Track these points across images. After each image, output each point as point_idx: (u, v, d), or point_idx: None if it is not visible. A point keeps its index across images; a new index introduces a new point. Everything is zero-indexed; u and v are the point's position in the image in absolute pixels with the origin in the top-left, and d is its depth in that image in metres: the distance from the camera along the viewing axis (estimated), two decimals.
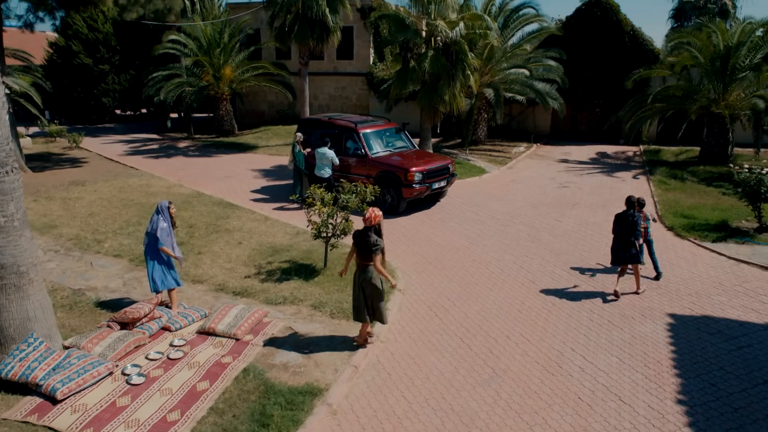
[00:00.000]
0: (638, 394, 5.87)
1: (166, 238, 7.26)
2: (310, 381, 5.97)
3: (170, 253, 7.24)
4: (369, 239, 6.35)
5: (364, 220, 6.42)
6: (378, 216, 6.44)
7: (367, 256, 6.40)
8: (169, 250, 7.25)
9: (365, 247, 6.39)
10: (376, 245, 6.35)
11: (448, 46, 15.36)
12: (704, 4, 33.66)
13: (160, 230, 7.24)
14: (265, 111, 27.85)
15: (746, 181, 10.47)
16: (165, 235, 7.26)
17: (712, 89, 16.74)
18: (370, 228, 6.42)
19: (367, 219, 6.39)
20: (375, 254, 6.36)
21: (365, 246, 6.38)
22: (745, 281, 8.69)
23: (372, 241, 6.34)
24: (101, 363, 5.87)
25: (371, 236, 6.37)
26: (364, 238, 6.40)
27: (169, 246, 7.28)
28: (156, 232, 7.22)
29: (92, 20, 27.56)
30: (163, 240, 7.22)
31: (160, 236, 7.21)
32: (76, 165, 18.32)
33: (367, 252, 6.38)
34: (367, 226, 6.43)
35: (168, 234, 7.31)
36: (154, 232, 7.25)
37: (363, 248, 6.42)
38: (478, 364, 6.47)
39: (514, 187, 15.21)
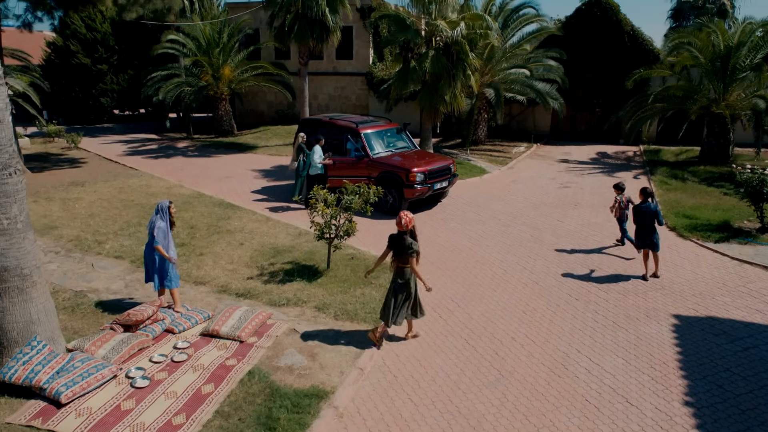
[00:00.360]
0: (645, 396, 5.86)
1: (162, 238, 7.23)
2: (315, 384, 5.94)
3: (164, 253, 7.19)
4: (405, 242, 6.55)
5: (399, 225, 6.60)
6: (412, 220, 6.63)
7: (403, 259, 6.59)
8: (164, 251, 7.20)
9: (401, 250, 6.58)
10: (412, 248, 6.53)
11: (448, 46, 15.34)
12: (703, 3, 33.76)
13: (156, 229, 7.22)
14: (265, 111, 27.80)
15: (749, 182, 10.47)
16: (161, 236, 7.23)
17: (713, 89, 16.75)
18: (405, 232, 6.60)
19: (404, 225, 6.57)
20: (411, 257, 6.56)
21: (401, 249, 6.57)
22: (749, 282, 8.68)
23: (408, 244, 6.53)
24: (105, 366, 5.82)
25: (407, 239, 6.56)
26: (400, 241, 6.58)
27: (164, 246, 7.25)
28: (153, 231, 7.20)
29: (90, 20, 27.46)
30: (159, 239, 7.19)
31: (156, 235, 7.19)
32: (75, 165, 18.24)
33: (403, 255, 6.57)
34: (402, 231, 6.60)
35: (165, 235, 7.27)
36: (151, 231, 7.23)
37: (399, 251, 6.61)
38: (484, 366, 6.44)
39: (515, 187, 15.19)
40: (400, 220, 6.59)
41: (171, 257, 7.33)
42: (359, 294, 8.17)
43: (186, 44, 22.78)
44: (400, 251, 6.60)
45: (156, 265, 7.33)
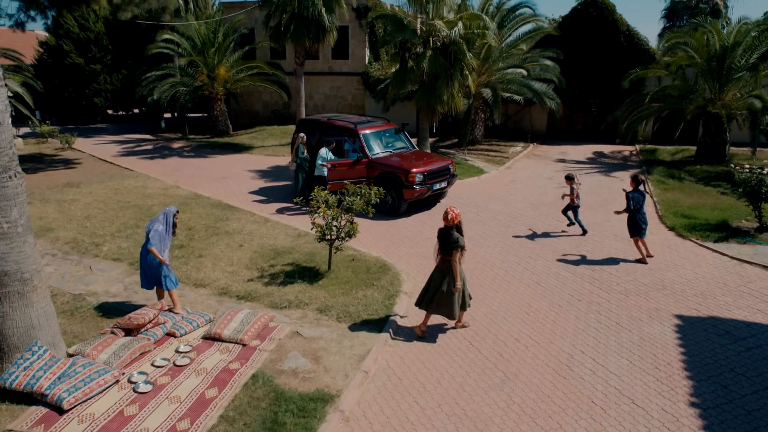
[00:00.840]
0: (651, 397, 5.85)
1: (157, 241, 7.18)
2: (320, 387, 5.89)
3: (156, 254, 7.13)
4: (451, 237, 6.72)
5: (446, 220, 6.77)
6: (459, 215, 6.82)
7: (448, 252, 6.76)
8: (157, 252, 7.14)
9: (447, 244, 6.76)
10: (457, 242, 6.72)
11: (446, 46, 15.31)
12: (696, 3, 33.96)
13: (153, 232, 7.16)
14: (260, 111, 27.68)
15: (747, 181, 10.51)
16: (157, 239, 7.18)
17: (708, 89, 16.84)
18: (451, 227, 6.77)
19: (450, 219, 6.74)
20: (455, 250, 6.72)
21: (447, 243, 6.75)
22: (749, 281, 8.71)
23: (454, 239, 6.71)
24: (107, 371, 5.75)
25: (453, 234, 6.74)
26: (447, 236, 6.75)
27: (158, 249, 7.20)
28: (149, 232, 7.16)
29: (83, 19, 27.21)
30: (153, 242, 7.15)
31: (151, 237, 7.14)
32: (70, 166, 18.07)
33: (449, 248, 6.75)
34: (448, 226, 6.78)
35: (161, 238, 7.22)
36: (148, 231, 7.19)
37: (445, 245, 6.80)
38: (489, 368, 6.42)
39: (514, 187, 15.19)
40: (447, 215, 6.77)
41: (164, 261, 7.25)
42: (361, 296, 8.12)
43: (181, 44, 22.63)
44: (446, 245, 6.77)
45: (152, 269, 7.26)
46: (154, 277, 7.31)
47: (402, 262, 9.63)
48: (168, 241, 7.39)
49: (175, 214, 7.43)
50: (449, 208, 6.83)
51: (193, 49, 22.73)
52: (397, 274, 8.95)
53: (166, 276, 7.28)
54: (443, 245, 6.82)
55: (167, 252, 7.42)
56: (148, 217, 12.02)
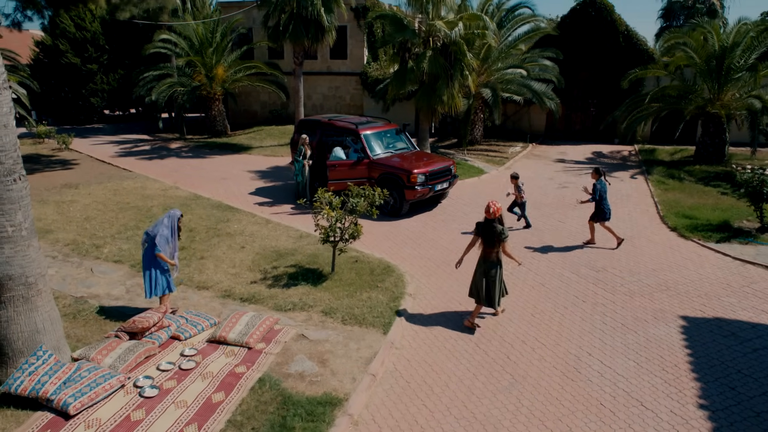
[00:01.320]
0: (659, 399, 5.84)
1: (164, 245, 7.13)
2: (328, 390, 5.85)
3: (167, 259, 7.11)
4: (495, 229, 7.01)
5: (488, 213, 7.07)
6: (500, 208, 7.14)
7: (494, 245, 7.08)
8: (166, 257, 7.11)
9: (491, 237, 7.06)
10: (502, 233, 7.01)
11: (446, 46, 15.28)
12: (693, 3, 34.09)
13: (159, 236, 7.10)
14: (258, 111, 27.59)
15: (749, 182, 10.53)
16: (163, 243, 7.12)
17: (707, 89, 16.87)
18: (493, 220, 7.04)
19: (492, 213, 7.04)
20: (503, 242, 7.07)
21: (491, 236, 7.05)
22: (753, 282, 8.72)
23: (498, 231, 7.01)
24: (113, 375, 5.69)
25: (497, 226, 7.03)
26: (490, 228, 7.03)
27: (166, 253, 7.16)
28: (155, 237, 7.10)
29: (80, 19, 27.04)
30: (161, 247, 7.09)
31: (158, 242, 7.08)
32: (67, 167, 17.95)
33: (493, 241, 7.06)
34: (490, 219, 7.05)
35: (167, 242, 7.17)
36: (154, 236, 7.12)
37: (489, 238, 7.09)
38: (497, 370, 6.39)
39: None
40: (489, 209, 7.05)
41: (174, 264, 7.24)
42: (366, 298, 8.08)
43: (178, 44, 22.52)
44: (490, 238, 7.07)
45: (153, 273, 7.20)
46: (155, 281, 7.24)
47: (405, 264, 9.59)
48: (175, 244, 7.34)
49: (179, 217, 7.37)
50: (491, 202, 7.10)
51: (191, 49, 22.63)
52: (401, 275, 8.92)
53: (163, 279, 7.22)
54: (486, 238, 7.08)
55: (176, 255, 7.37)
56: (148, 218, 11.95)
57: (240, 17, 23.55)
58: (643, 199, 13.67)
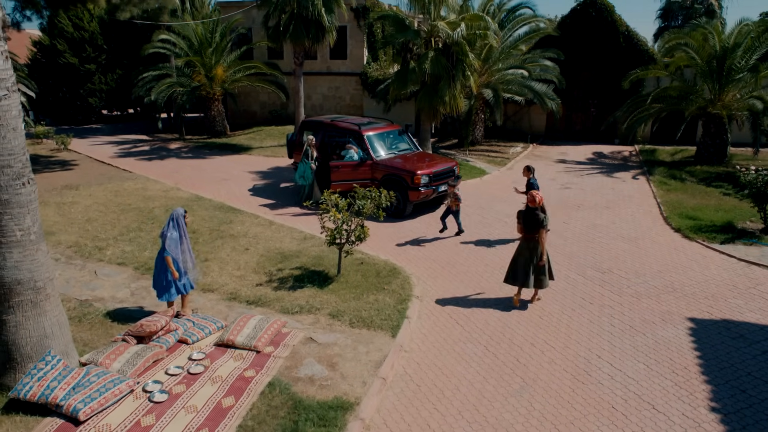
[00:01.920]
0: (671, 402, 5.83)
1: (174, 248, 7.08)
2: (338, 395, 5.82)
3: (171, 266, 7.02)
4: (537, 218, 7.60)
5: (532, 202, 7.64)
6: (542, 198, 7.75)
7: (532, 231, 7.66)
8: (171, 263, 7.02)
9: (533, 224, 7.63)
10: (542, 222, 7.61)
11: (448, 46, 15.26)
12: (691, 4, 34.18)
13: (168, 239, 7.05)
14: (258, 111, 27.52)
15: (753, 183, 10.54)
16: (173, 246, 7.08)
17: (708, 90, 16.91)
18: (536, 208, 7.63)
19: (537, 202, 7.62)
20: (542, 229, 7.61)
21: (533, 223, 7.62)
22: (759, 284, 8.72)
23: (540, 219, 7.60)
24: (122, 380, 5.64)
25: (539, 215, 7.61)
26: (533, 216, 7.62)
27: (176, 256, 7.10)
28: (164, 240, 7.05)
29: (78, 18, 26.91)
30: (170, 250, 7.04)
31: (168, 246, 7.03)
32: (67, 168, 17.86)
33: (535, 228, 7.63)
34: (532, 207, 7.64)
35: (176, 245, 7.11)
36: (163, 240, 7.07)
37: (530, 225, 7.66)
38: (507, 373, 6.37)
39: None
40: (534, 199, 7.63)
41: (175, 271, 7.08)
42: (373, 300, 8.05)
43: (178, 44, 22.43)
44: (531, 225, 7.64)
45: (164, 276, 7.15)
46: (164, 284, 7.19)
47: (411, 266, 9.56)
48: (187, 244, 7.28)
49: (183, 215, 7.30)
50: (534, 192, 7.70)
51: (190, 49, 22.55)
52: (408, 277, 8.89)
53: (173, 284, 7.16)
54: (528, 225, 7.65)
55: (191, 258, 7.35)
56: (150, 219, 11.90)
57: (239, 17, 23.47)
58: (646, 200, 13.68)
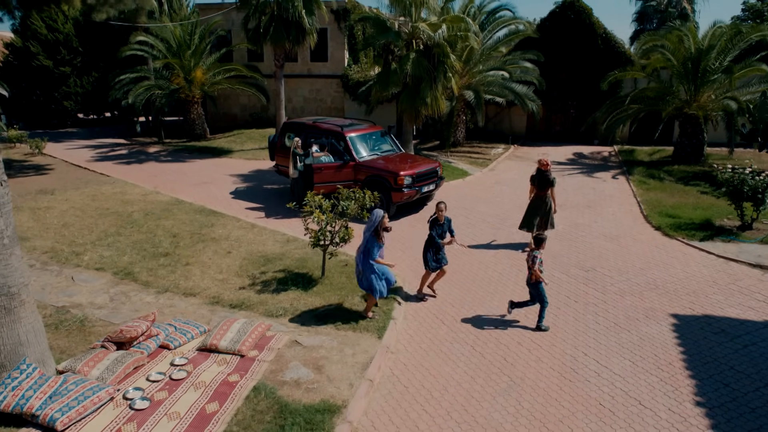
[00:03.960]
0: (657, 398, 5.86)
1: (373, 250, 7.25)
2: (325, 398, 5.72)
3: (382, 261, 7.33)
4: (548, 176, 9.83)
5: (543, 166, 9.85)
6: (550, 163, 10.02)
7: (544, 189, 9.93)
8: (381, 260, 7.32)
9: (544, 183, 9.87)
10: (553, 180, 9.90)
11: (429, 48, 15.29)
12: (665, 8, 34.87)
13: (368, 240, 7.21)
14: (238, 114, 27.24)
15: (730, 181, 10.73)
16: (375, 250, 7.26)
17: (684, 91, 17.22)
18: (544, 171, 9.84)
19: (546, 165, 9.87)
20: (552, 186, 9.93)
21: (545, 182, 9.86)
22: (738, 279, 8.87)
23: (551, 178, 9.88)
24: (101, 388, 5.47)
25: (550, 174, 9.86)
26: (544, 176, 9.85)
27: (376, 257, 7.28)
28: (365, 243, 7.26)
29: (52, 20, 26.33)
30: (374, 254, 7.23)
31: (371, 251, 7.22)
32: (42, 172, 17.42)
33: (545, 185, 9.90)
34: (542, 170, 9.85)
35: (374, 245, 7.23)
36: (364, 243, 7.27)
37: (542, 184, 9.89)
38: (494, 372, 6.35)
39: (499, 189, 15.24)
40: (544, 163, 9.89)
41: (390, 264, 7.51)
42: (358, 302, 7.97)
43: (156, 46, 22.10)
44: (543, 184, 9.87)
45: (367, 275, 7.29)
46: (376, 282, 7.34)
47: (396, 266, 9.47)
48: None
49: (382, 217, 7.27)
50: (542, 158, 10.05)
51: (169, 52, 22.23)
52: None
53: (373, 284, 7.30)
54: (540, 184, 9.87)
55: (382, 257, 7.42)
56: (129, 224, 11.64)
57: (219, 19, 23.22)
58: (626, 199, 13.85)
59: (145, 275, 9.00)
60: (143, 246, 10.32)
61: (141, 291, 8.47)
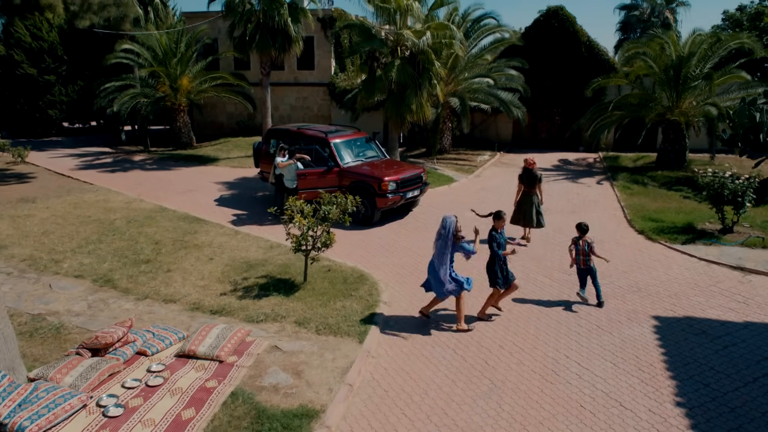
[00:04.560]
0: (637, 399, 5.85)
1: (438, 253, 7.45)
2: (304, 402, 5.65)
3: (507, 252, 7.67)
4: (534, 174, 10.52)
5: (530, 165, 10.55)
6: (535, 162, 10.73)
7: (532, 186, 10.58)
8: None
9: (532, 181, 10.55)
10: (540, 178, 10.59)
11: (414, 55, 15.36)
12: (648, 17, 35.42)
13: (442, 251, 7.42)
14: (224, 122, 27.15)
15: (710, 185, 10.83)
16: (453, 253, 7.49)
17: (666, 97, 17.44)
18: (530, 169, 10.50)
19: (531, 163, 10.59)
20: (540, 183, 10.58)
21: (532, 179, 10.54)
22: (719, 281, 8.92)
23: (538, 176, 10.57)
24: (73, 395, 5.35)
25: (536, 173, 10.53)
26: (531, 174, 10.53)
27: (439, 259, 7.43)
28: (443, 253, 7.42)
29: (36, 28, 26.10)
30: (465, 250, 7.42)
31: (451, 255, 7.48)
32: (23, 181, 17.20)
33: (533, 183, 10.57)
34: (529, 168, 10.54)
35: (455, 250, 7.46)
36: (442, 253, 7.42)
37: (530, 182, 10.57)
38: (476, 375, 6.31)
39: (484, 195, 15.28)
40: (529, 162, 10.58)
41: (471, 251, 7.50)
42: (340, 307, 7.91)
43: (141, 54, 21.98)
44: (530, 181, 10.54)
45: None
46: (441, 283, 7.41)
47: (379, 272, 9.46)
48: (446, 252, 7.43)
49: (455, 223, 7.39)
50: (529, 157, 10.76)
51: (155, 60, 22.13)
52: (375, 283, 8.78)
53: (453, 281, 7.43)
54: (528, 181, 10.52)
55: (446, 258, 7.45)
56: (111, 231, 11.50)
57: (205, 27, 23.19)
58: (610, 204, 13.94)
59: (125, 282, 8.88)
60: (124, 253, 10.19)
61: (120, 298, 8.34)
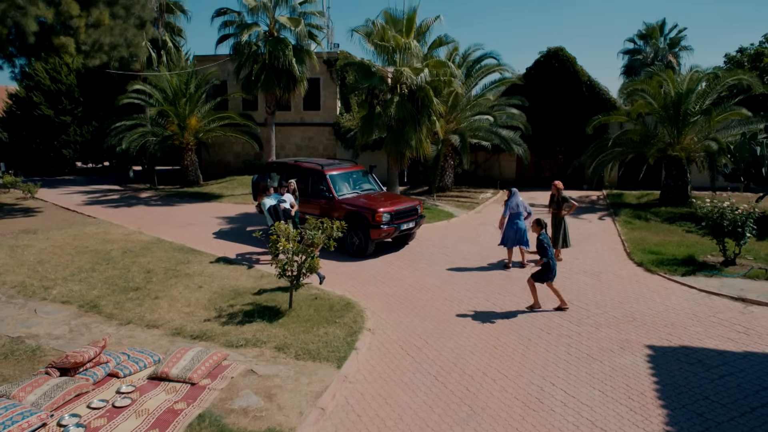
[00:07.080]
0: (625, 427, 5.53)
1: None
2: (272, 426, 5.42)
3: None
4: (560, 199, 11.45)
5: (556, 189, 11.50)
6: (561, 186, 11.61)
7: (560, 209, 11.49)
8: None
9: (560, 203, 11.45)
10: (569, 201, 11.40)
11: (413, 92, 15.62)
12: (652, 60, 35.86)
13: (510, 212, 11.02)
14: (231, 161, 27.59)
15: (708, 215, 10.62)
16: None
17: (667, 133, 17.41)
18: (560, 193, 11.48)
19: (559, 189, 11.48)
20: (569, 208, 11.44)
21: (560, 202, 11.45)
22: (718, 312, 8.60)
23: (566, 198, 11.44)
24: (33, 413, 5.20)
25: (564, 196, 11.47)
26: (559, 199, 11.49)
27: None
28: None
29: (56, 72, 27.27)
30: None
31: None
32: (30, 214, 17.47)
33: (560, 206, 11.47)
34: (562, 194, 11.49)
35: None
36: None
37: (558, 204, 11.47)
38: (455, 402, 6.04)
39: (483, 229, 15.13)
40: (557, 188, 11.49)
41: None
42: (322, 333, 7.72)
43: (152, 94, 22.69)
44: (559, 204, 11.46)
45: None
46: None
47: (367, 301, 9.29)
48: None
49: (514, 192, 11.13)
50: (556, 181, 11.64)
51: (165, 100, 22.80)
52: (362, 311, 8.60)
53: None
54: (557, 205, 11.49)
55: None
56: (106, 261, 11.52)
57: (215, 69, 23.94)
58: (610, 238, 13.71)
59: (111, 308, 8.80)
60: (115, 281, 10.16)
61: (103, 323, 8.25)
